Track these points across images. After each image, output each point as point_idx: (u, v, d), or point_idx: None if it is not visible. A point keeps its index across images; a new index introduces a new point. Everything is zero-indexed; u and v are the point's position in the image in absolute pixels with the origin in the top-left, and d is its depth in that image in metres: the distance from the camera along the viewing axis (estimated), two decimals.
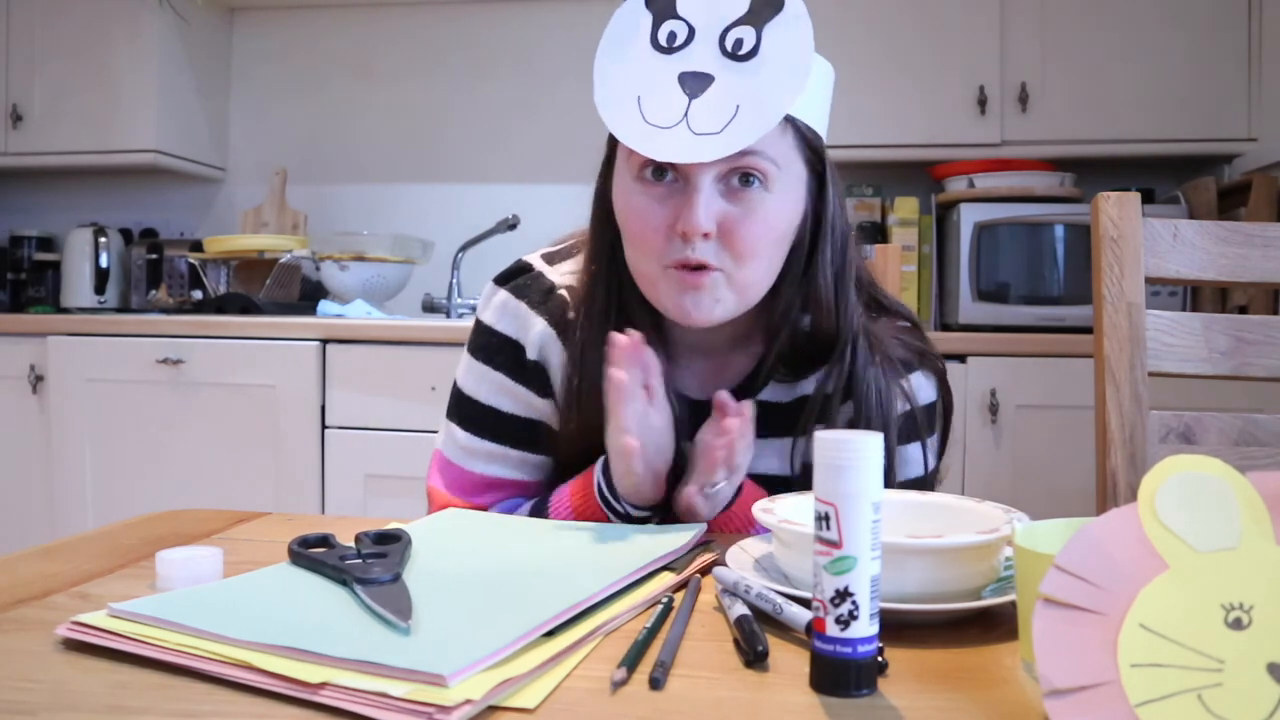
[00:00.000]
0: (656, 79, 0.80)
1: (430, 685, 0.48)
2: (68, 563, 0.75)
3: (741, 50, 0.79)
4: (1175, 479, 0.47)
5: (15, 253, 3.04)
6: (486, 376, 0.97)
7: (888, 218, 2.51)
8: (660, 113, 0.78)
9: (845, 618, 0.50)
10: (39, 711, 0.48)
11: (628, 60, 0.81)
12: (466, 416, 0.98)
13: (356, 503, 2.27)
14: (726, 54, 0.79)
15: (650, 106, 0.79)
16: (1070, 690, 0.43)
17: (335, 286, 2.62)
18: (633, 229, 0.84)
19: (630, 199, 0.83)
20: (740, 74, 0.79)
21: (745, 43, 0.79)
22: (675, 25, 0.80)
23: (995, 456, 2.14)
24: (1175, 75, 2.33)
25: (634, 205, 0.83)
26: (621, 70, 0.81)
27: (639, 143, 0.79)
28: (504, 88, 2.91)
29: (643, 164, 0.82)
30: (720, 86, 0.78)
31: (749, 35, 0.79)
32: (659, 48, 0.80)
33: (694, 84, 0.79)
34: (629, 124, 0.79)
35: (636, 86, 0.80)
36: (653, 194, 0.82)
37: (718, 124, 0.77)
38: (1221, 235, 1.06)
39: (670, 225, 0.81)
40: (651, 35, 0.81)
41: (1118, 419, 1.03)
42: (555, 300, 0.95)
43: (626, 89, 0.80)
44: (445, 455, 0.99)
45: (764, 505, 0.71)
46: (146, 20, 2.72)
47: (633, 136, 0.79)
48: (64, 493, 2.43)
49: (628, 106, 0.80)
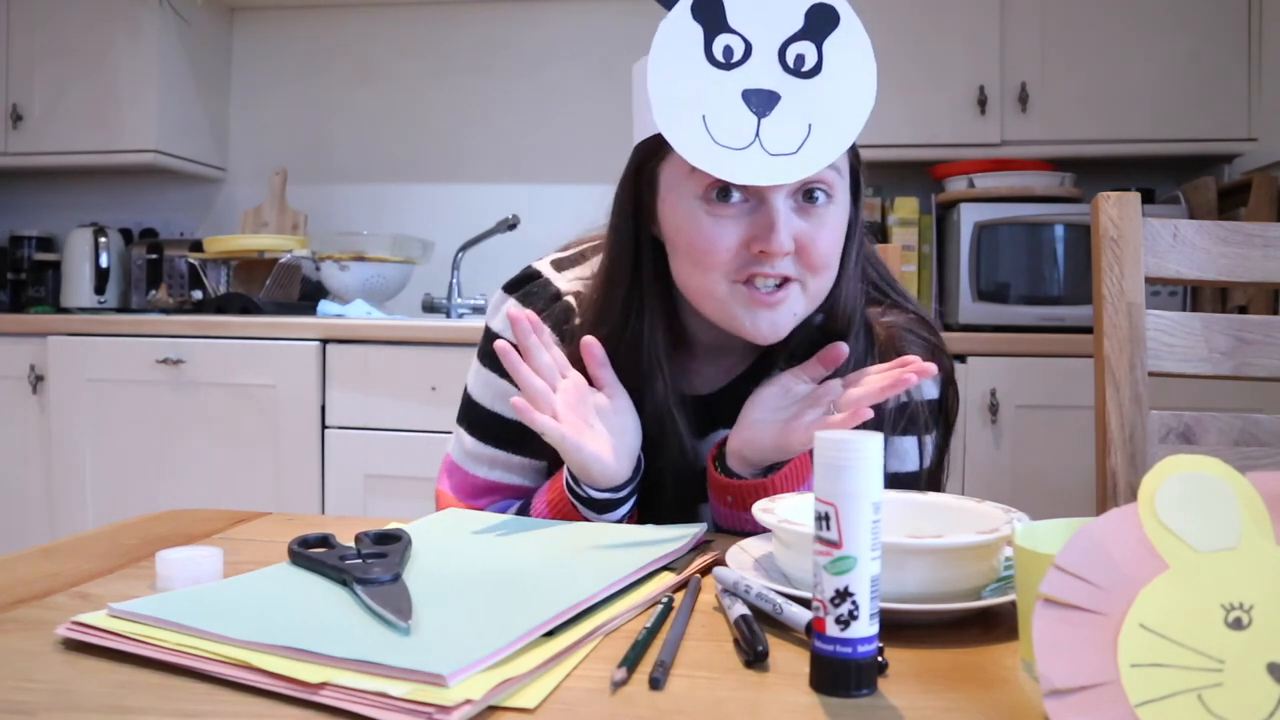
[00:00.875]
0: (719, 97, 0.78)
1: (430, 685, 0.48)
2: (68, 563, 0.75)
3: (805, 67, 0.79)
4: (1175, 479, 0.47)
5: (15, 253, 3.04)
6: (492, 383, 0.98)
7: (888, 218, 2.51)
8: (730, 133, 0.78)
9: (845, 618, 0.50)
10: (39, 711, 0.48)
11: (684, 76, 0.79)
12: (472, 422, 0.99)
13: (356, 503, 2.27)
14: (789, 70, 0.79)
15: (718, 127, 0.78)
16: (1070, 690, 0.43)
17: (335, 286, 2.62)
18: (699, 249, 0.82)
19: (694, 220, 0.82)
20: (807, 91, 0.79)
21: (807, 59, 0.79)
22: (730, 40, 0.79)
23: (995, 456, 2.14)
24: (1175, 75, 2.33)
25: (701, 226, 0.81)
26: (680, 86, 0.79)
27: (714, 166, 0.78)
28: (504, 87, 2.91)
29: (710, 185, 0.81)
30: (788, 105, 0.78)
31: (810, 51, 0.79)
32: (716, 63, 0.79)
33: (760, 102, 0.78)
34: (699, 145, 0.78)
35: (699, 105, 0.78)
36: (723, 214, 0.81)
37: (793, 144, 0.77)
38: (1221, 235, 1.06)
39: (743, 244, 0.81)
40: (706, 49, 0.79)
41: (1118, 419, 1.03)
42: (560, 306, 0.96)
43: (689, 108, 0.78)
44: (453, 459, 1.01)
45: (764, 505, 0.71)
46: (146, 20, 2.72)
47: (706, 159, 0.78)
48: (64, 493, 2.43)
49: (694, 126, 0.78)
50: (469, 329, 2.22)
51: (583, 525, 0.85)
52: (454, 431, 1.02)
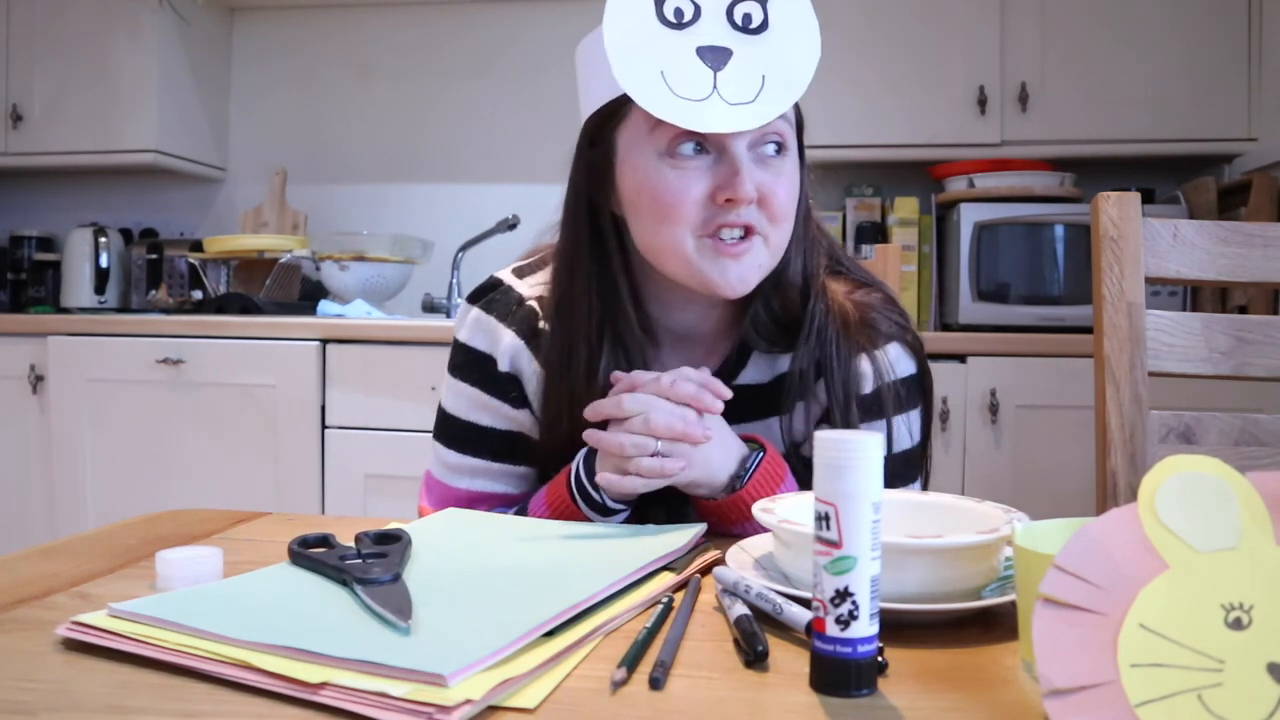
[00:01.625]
0: (675, 54, 0.81)
1: (430, 685, 0.48)
2: (68, 563, 0.75)
3: (752, 24, 0.82)
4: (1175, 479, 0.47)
5: (15, 253, 3.04)
6: (464, 393, 0.98)
7: (888, 218, 2.51)
8: (689, 86, 0.80)
9: (845, 618, 0.50)
10: (39, 711, 0.48)
11: (639, 37, 0.82)
12: (449, 434, 0.99)
13: (356, 503, 2.27)
14: (738, 28, 0.82)
15: (677, 81, 0.80)
16: (1070, 690, 0.43)
17: (335, 286, 2.62)
18: (665, 202, 0.83)
19: (659, 175, 0.83)
20: (756, 46, 0.82)
21: (754, 17, 0.82)
22: (679, 2, 0.82)
23: (995, 456, 2.14)
24: (1175, 75, 2.33)
25: (666, 180, 0.83)
26: (636, 47, 0.81)
27: (677, 117, 0.80)
28: (504, 87, 2.91)
29: (674, 138, 0.83)
30: (740, 59, 0.81)
31: (756, 10, 0.83)
32: (668, 23, 0.82)
33: (714, 57, 0.81)
34: (661, 99, 0.80)
35: (656, 63, 0.81)
36: (686, 167, 0.83)
37: (750, 94, 0.81)
38: (1221, 235, 1.06)
39: (708, 196, 0.83)
40: (657, 11, 0.82)
41: (1118, 419, 1.03)
42: (524, 311, 0.97)
43: (647, 65, 0.81)
44: (434, 475, 1.01)
45: (764, 505, 0.71)
46: (146, 20, 2.72)
47: (669, 111, 0.80)
48: (64, 493, 2.43)
49: (654, 82, 0.80)
50: None
51: (583, 525, 0.85)
52: (431, 448, 1.01)
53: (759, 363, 0.94)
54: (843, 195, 2.57)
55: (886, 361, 0.93)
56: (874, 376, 0.92)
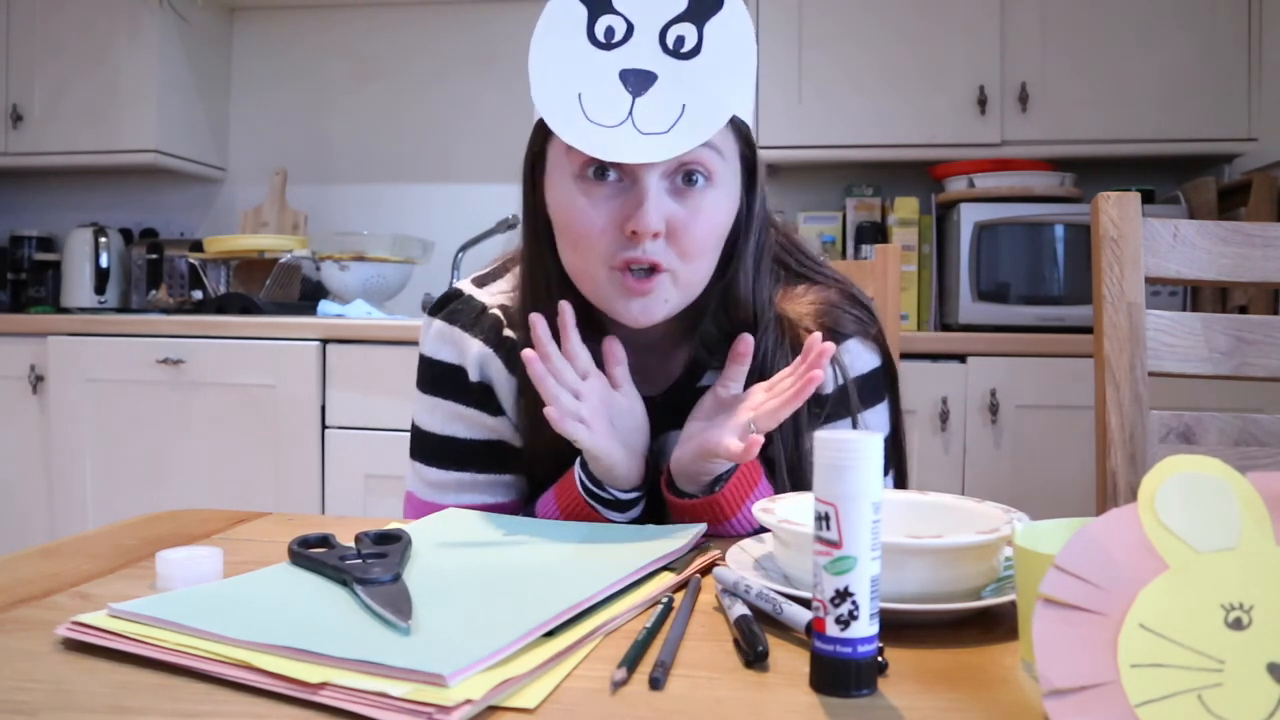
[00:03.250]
0: (597, 76, 0.78)
1: (430, 685, 0.48)
2: (68, 563, 0.75)
3: (684, 48, 0.78)
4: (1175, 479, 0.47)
5: (15, 253, 3.04)
6: (438, 407, 0.96)
7: (888, 218, 2.51)
8: (603, 111, 0.78)
9: (845, 618, 0.50)
10: (39, 711, 0.48)
11: (565, 55, 0.79)
12: (427, 451, 0.96)
13: (356, 503, 2.27)
14: (668, 51, 0.78)
15: (592, 104, 0.78)
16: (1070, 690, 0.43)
17: (335, 286, 2.62)
18: (575, 230, 0.82)
19: (571, 200, 0.82)
20: (683, 72, 0.78)
21: (687, 40, 0.78)
22: (613, 20, 0.79)
23: (995, 456, 2.14)
24: (1175, 75, 2.33)
25: (576, 206, 0.81)
26: (559, 66, 0.79)
27: (583, 142, 0.78)
28: (504, 87, 2.91)
29: (584, 163, 0.80)
30: (664, 85, 0.78)
31: (690, 33, 0.79)
32: (597, 43, 0.79)
33: (637, 81, 0.78)
34: (571, 123, 0.78)
35: (576, 83, 0.79)
36: (596, 194, 0.81)
37: (664, 123, 0.77)
38: (1221, 235, 1.06)
39: (616, 225, 0.80)
40: (588, 29, 0.79)
41: (1118, 419, 1.03)
42: (487, 319, 0.95)
43: (566, 86, 0.79)
44: (416, 495, 0.98)
45: (764, 505, 0.71)
46: (146, 20, 2.72)
47: (576, 136, 0.78)
48: (64, 493, 2.43)
49: (568, 104, 0.78)
50: None
51: (583, 525, 0.85)
52: (409, 469, 0.98)
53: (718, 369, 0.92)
54: (843, 195, 2.57)
55: (846, 360, 0.92)
56: (833, 378, 0.91)
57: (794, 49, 2.42)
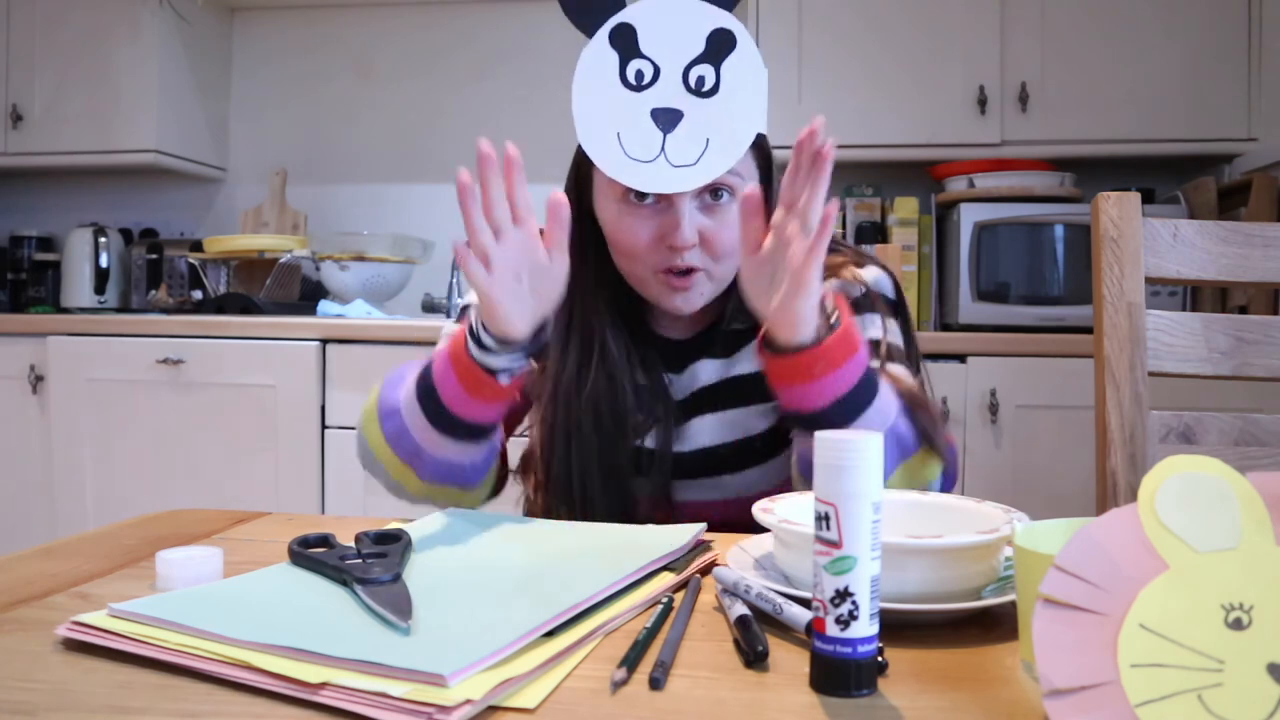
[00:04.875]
0: (631, 116, 0.91)
1: (430, 685, 0.48)
2: (68, 563, 0.75)
3: (705, 87, 0.90)
4: (1175, 479, 0.47)
5: (15, 253, 3.04)
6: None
7: (888, 218, 2.51)
8: (639, 148, 0.90)
9: (845, 618, 0.50)
10: (39, 711, 0.48)
11: (602, 98, 0.91)
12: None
13: (356, 503, 2.27)
14: (691, 90, 0.90)
15: (630, 142, 0.90)
16: (1070, 690, 0.43)
17: (335, 286, 2.62)
18: (624, 245, 0.95)
19: (618, 219, 0.95)
20: (706, 109, 0.90)
21: (707, 80, 0.90)
22: (641, 64, 0.91)
23: (995, 456, 2.14)
24: (1175, 75, 2.33)
25: (623, 225, 0.95)
26: (598, 108, 0.91)
27: (626, 177, 0.90)
28: (503, 88, 2.91)
29: (626, 190, 0.93)
30: (690, 121, 0.90)
31: (709, 73, 0.90)
32: (629, 85, 0.91)
33: (665, 119, 0.90)
34: (613, 159, 0.91)
35: (614, 123, 0.91)
36: (638, 214, 0.94)
37: (693, 156, 0.90)
38: (1221, 235, 1.06)
39: (658, 239, 0.93)
40: (620, 73, 0.91)
41: (1118, 419, 1.03)
42: None
43: (605, 125, 0.91)
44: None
45: (764, 505, 0.71)
46: (146, 20, 2.72)
47: (619, 171, 0.90)
48: (64, 493, 2.43)
49: (610, 143, 0.91)
50: None
51: (583, 525, 0.85)
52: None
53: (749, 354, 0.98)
54: (843, 195, 2.57)
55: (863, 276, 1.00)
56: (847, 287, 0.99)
57: (794, 49, 2.42)
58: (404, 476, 0.94)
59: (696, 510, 1.00)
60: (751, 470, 1.00)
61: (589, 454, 0.98)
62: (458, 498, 0.96)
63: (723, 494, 1.01)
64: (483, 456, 0.94)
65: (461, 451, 0.91)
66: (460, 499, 0.96)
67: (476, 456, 0.92)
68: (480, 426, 0.90)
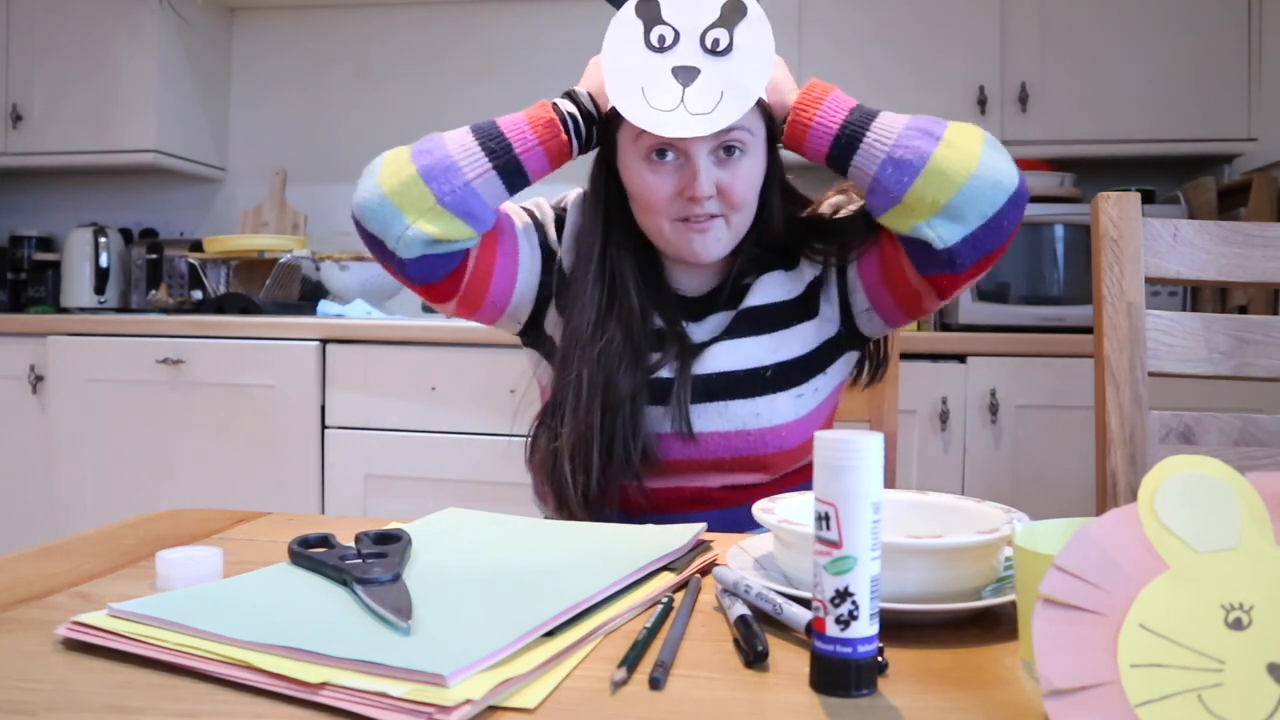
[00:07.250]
0: (655, 74, 1.00)
1: (430, 685, 0.48)
2: (68, 563, 0.75)
3: (719, 48, 1.00)
4: (1175, 479, 0.47)
5: (15, 253, 3.04)
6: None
7: None
8: (662, 99, 0.99)
9: (845, 618, 0.50)
10: (39, 711, 0.48)
11: (629, 60, 1.01)
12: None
13: (356, 503, 2.27)
14: (707, 50, 1.00)
15: (653, 95, 0.99)
16: (1070, 690, 0.43)
17: (335, 286, 2.62)
18: (646, 198, 1.04)
19: (641, 177, 1.03)
20: (720, 66, 1.00)
21: (721, 41, 1.00)
22: (663, 29, 1.01)
23: (995, 456, 2.14)
24: (1175, 75, 2.33)
25: (645, 181, 1.03)
26: (626, 68, 1.01)
27: (650, 124, 0.98)
28: (504, 88, 2.90)
29: (649, 147, 1.01)
30: (706, 77, 0.99)
31: (723, 35, 1.00)
32: (652, 48, 1.01)
33: (685, 75, 1.00)
34: (640, 110, 0.99)
35: (640, 80, 1.00)
36: (660, 170, 1.02)
37: (709, 105, 0.98)
38: (1221, 235, 1.06)
39: (678, 192, 1.02)
40: (645, 38, 1.01)
41: (1118, 419, 1.03)
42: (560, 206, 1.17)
43: (632, 82, 1.00)
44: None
45: (764, 505, 0.71)
46: (146, 20, 2.72)
47: (644, 119, 0.98)
48: (64, 493, 2.43)
49: (636, 97, 0.99)
50: (469, 329, 2.22)
51: (583, 525, 0.85)
52: None
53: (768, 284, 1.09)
54: None
55: None
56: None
57: (794, 49, 2.42)
58: (413, 202, 1.00)
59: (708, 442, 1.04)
60: (760, 399, 1.05)
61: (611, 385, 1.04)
62: (449, 239, 1.01)
63: (733, 424, 1.04)
64: (494, 214, 1.04)
65: (495, 191, 1.01)
66: (451, 241, 1.01)
67: (497, 203, 1.03)
68: (526, 174, 1.03)
